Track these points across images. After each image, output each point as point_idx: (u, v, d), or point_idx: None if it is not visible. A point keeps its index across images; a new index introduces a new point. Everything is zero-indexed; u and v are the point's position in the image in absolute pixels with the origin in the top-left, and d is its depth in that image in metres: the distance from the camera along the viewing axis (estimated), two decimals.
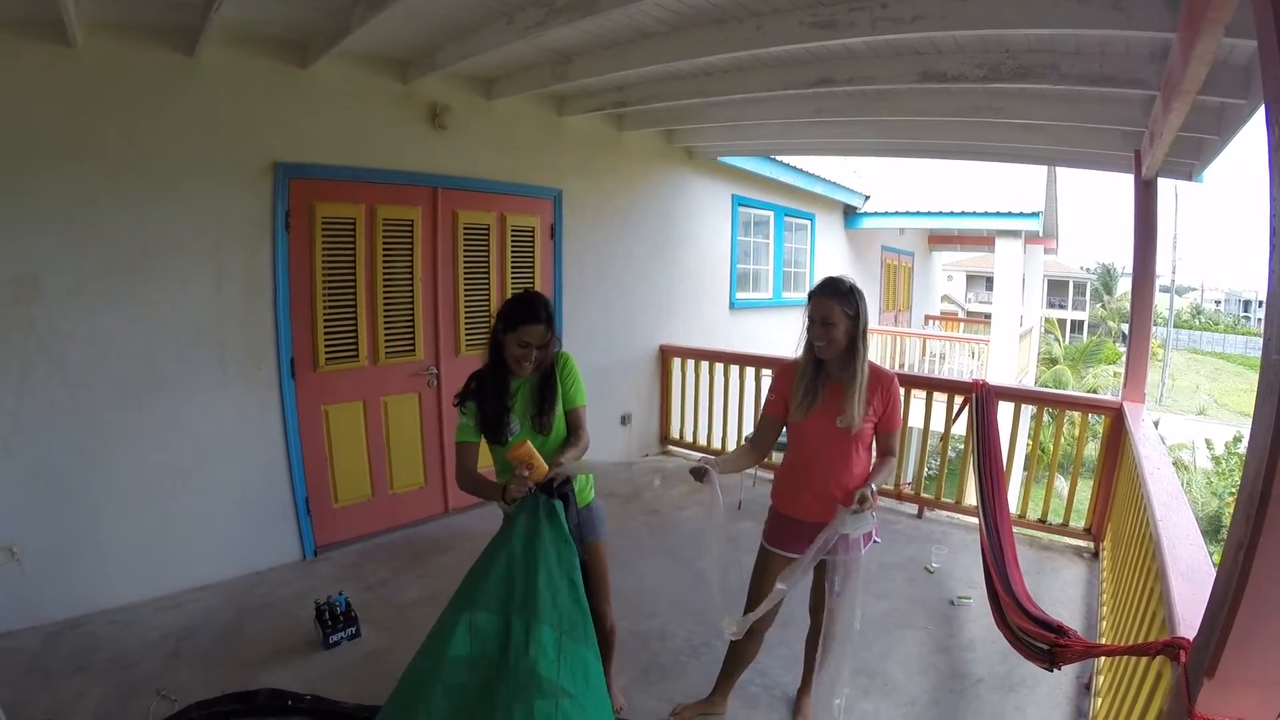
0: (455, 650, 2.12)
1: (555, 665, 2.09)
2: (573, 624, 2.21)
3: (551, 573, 2.26)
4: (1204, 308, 55.39)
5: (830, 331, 2.57)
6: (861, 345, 2.60)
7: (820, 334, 2.59)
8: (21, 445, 3.55)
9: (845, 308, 2.57)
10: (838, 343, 2.58)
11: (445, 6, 3.66)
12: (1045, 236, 12.83)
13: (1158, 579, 2.21)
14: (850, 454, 2.70)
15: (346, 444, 4.78)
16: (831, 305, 2.57)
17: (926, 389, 5.89)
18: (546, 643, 2.11)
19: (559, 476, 2.50)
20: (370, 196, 4.68)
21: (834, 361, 2.64)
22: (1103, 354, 25.24)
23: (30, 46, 3.39)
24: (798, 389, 2.70)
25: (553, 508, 2.40)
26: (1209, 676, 1.34)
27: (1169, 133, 3.50)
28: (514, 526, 2.36)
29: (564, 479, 2.53)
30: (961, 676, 3.39)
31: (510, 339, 2.61)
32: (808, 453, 2.77)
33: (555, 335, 2.72)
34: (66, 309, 3.61)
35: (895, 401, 2.70)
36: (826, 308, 2.57)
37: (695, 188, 7.73)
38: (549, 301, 2.70)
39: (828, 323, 2.57)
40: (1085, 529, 4.84)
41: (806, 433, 2.75)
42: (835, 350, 2.60)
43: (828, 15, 3.42)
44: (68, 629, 3.63)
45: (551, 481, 2.47)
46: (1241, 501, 1.31)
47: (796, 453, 2.82)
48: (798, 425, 2.76)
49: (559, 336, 2.79)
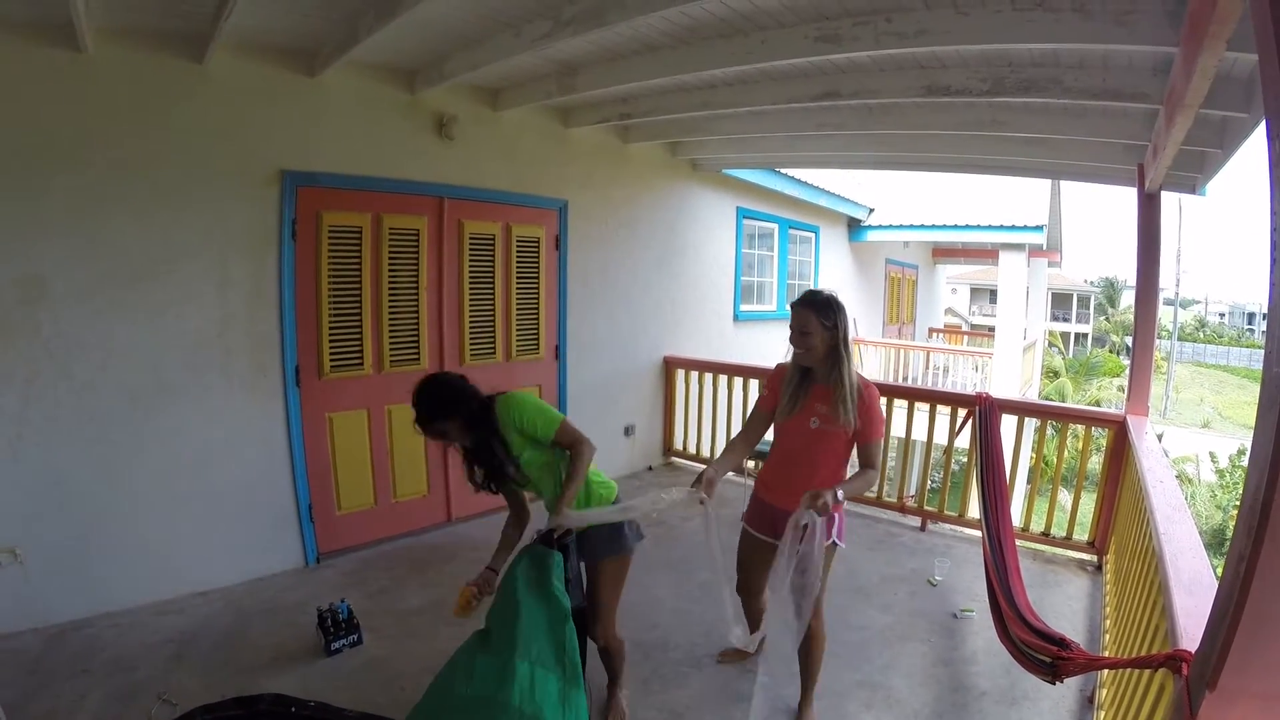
0: (460, 690, 2.23)
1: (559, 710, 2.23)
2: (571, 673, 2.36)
3: (548, 626, 2.39)
4: (1208, 320, 55.37)
5: (807, 340, 2.74)
6: (844, 353, 2.76)
7: (799, 342, 2.77)
8: (26, 448, 3.56)
9: (822, 319, 2.73)
10: (815, 350, 2.75)
11: (453, 18, 3.69)
12: (1049, 250, 12.85)
13: (1160, 592, 2.20)
14: (822, 454, 2.84)
15: (350, 452, 4.79)
16: (809, 316, 2.74)
17: (930, 402, 5.90)
18: (551, 690, 2.26)
19: (559, 529, 2.55)
20: (376, 205, 4.70)
21: (819, 368, 2.80)
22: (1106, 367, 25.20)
23: (41, 50, 3.42)
24: (785, 391, 2.89)
25: (552, 561, 2.51)
26: (1211, 689, 1.34)
27: (1172, 146, 3.51)
28: (516, 575, 2.51)
29: (564, 531, 2.57)
30: (964, 689, 3.37)
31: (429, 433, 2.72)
32: (786, 449, 2.97)
33: (457, 421, 2.69)
34: (73, 313, 3.62)
35: (872, 411, 2.79)
36: (804, 318, 2.75)
37: (700, 200, 7.76)
38: (433, 394, 2.67)
39: (804, 332, 2.74)
40: (1088, 542, 4.83)
41: (787, 431, 2.95)
42: (814, 358, 2.77)
43: (832, 30, 3.44)
44: (70, 631, 3.64)
45: (552, 533, 2.55)
46: (1243, 514, 1.31)
47: (777, 448, 3.03)
48: (780, 424, 2.96)
49: (465, 418, 2.70)
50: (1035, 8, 3.02)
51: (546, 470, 2.78)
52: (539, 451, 2.77)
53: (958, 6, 3.14)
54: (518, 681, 2.20)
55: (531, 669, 2.25)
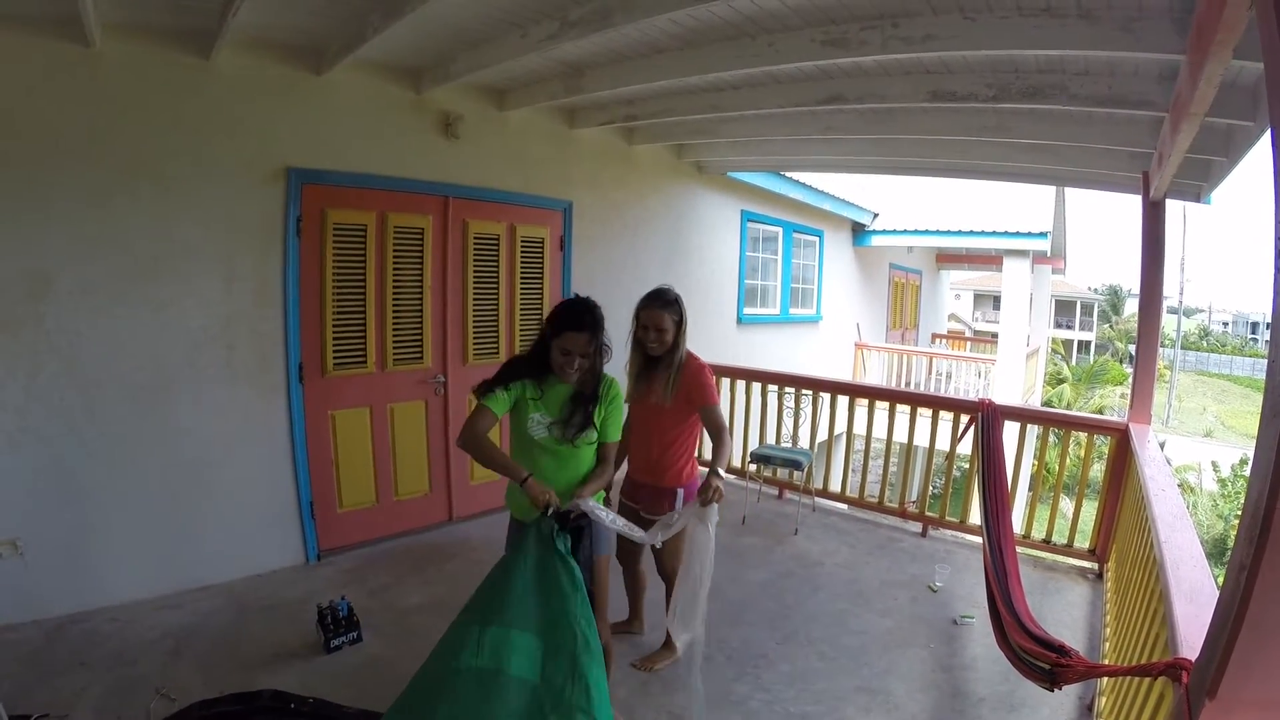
0: (466, 662, 2.14)
1: (587, 694, 2.14)
2: (584, 645, 2.25)
3: (562, 598, 2.32)
4: (1211, 329, 55.24)
5: (662, 335, 3.17)
6: (681, 340, 3.22)
7: (657, 339, 3.18)
8: (28, 441, 3.57)
9: (672, 315, 3.18)
10: (667, 344, 3.19)
11: (459, 18, 3.69)
12: (1053, 256, 12.83)
13: (1161, 600, 2.20)
14: (664, 426, 3.30)
15: (352, 449, 4.79)
16: (662, 315, 3.16)
17: (932, 407, 5.90)
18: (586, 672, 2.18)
19: (576, 510, 2.53)
20: (382, 204, 4.71)
21: (664, 357, 3.23)
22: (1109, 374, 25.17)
23: (48, 45, 3.43)
24: (630, 380, 3.36)
25: (566, 541, 2.45)
26: (1210, 697, 1.34)
27: (1177, 154, 3.51)
28: (527, 548, 2.41)
29: (581, 513, 2.55)
30: (963, 696, 3.37)
31: (555, 344, 2.62)
32: (637, 427, 3.38)
33: (604, 345, 2.70)
34: (77, 307, 3.63)
35: (700, 379, 3.22)
36: (659, 317, 3.16)
37: (705, 202, 7.77)
38: (597, 310, 2.68)
39: (661, 329, 3.16)
40: (1089, 550, 4.82)
41: (638, 413, 3.37)
42: (664, 349, 3.20)
43: (839, 33, 3.44)
44: (69, 624, 3.64)
45: (569, 514, 2.51)
46: (1244, 523, 1.31)
47: (631, 428, 3.34)
48: (632, 408, 3.35)
49: (608, 346, 2.74)
50: (1042, 14, 3.02)
51: (571, 457, 2.75)
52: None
53: (964, 12, 3.15)
54: (529, 653, 2.17)
55: (543, 641, 2.21)
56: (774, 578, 4.60)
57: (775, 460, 5.69)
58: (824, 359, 10.96)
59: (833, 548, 5.16)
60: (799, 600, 4.29)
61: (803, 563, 4.86)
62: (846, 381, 9.92)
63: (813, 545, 5.19)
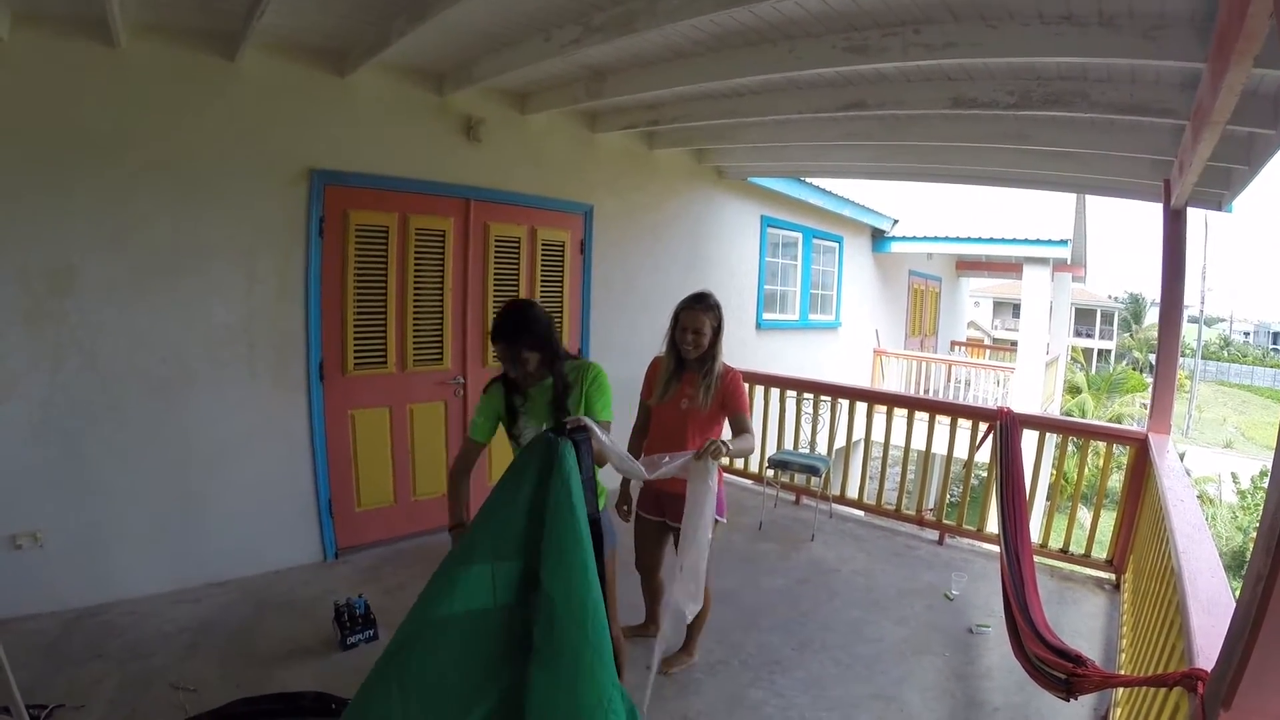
0: (469, 604, 1.93)
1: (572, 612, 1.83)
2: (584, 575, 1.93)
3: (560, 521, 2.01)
4: (1232, 339, 54.51)
5: (699, 339, 3.15)
6: (718, 345, 3.20)
7: (694, 340, 3.15)
8: (51, 434, 3.63)
9: (711, 320, 3.18)
10: (704, 347, 3.17)
11: (484, 22, 3.73)
12: (1073, 264, 12.76)
13: (1178, 611, 2.18)
14: (691, 429, 3.20)
15: (371, 449, 4.83)
16: (703, 318, 3.15)
17: (951, 415, 5.87)
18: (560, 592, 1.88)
19: (575, 423, 2.19)
20: (403, 206, 4.75)
21: (698, 361, 3.20)
22: (1129, 384, 24.92)
23: (75, 45, 3.49)
24: (661, 381, 3.31)
25: (564, 449, 2.10)
26: (1225, 708, 1.34)
27: (1198, 162, 3.49)
28: (527, 472, 2.14)
29: (578, 424, 2.19)
30: (978, 705, 3.36)
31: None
32: (661, 429, 3.32)
33: (543, 350, 2.63)
34: (100, 303, 3.69)
35: (734, 389, 3.19)
36: (699, 319, 3.15)
37: (724, 207, 7.77)
38: (523, 313, 2.63)
39: (699, 331, 3.15)
40: (1107, 560, 4.78)
41: (661, 414, 3.33)
42: (699, 352, 3.17)
43: (861, 40, 3.45)
44: (86, 616, 3.69)
45: (564, 425, 2.19)
46: (1262, 534, 1.30)
47: (654, 429, 3.37)
48: (655, 409, 3.35)
49: (553, 348, 2.67)
50: (1063, 21, 3.02)
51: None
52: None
53: (986, 19, 3.15)
54: (521, 587, 1.98)
55: (537, 571, 1.97)
56: (790, 584, 4.59)
57: (793, 465, 5.68)
58: (843, 365, 10.92)
59: (849, 554, 5.14)
60: (815, 606, 4.28)
61: (819, 569, 4.85)
62: (865, 388, 9.88)
63: (829, 552, 5.18)
